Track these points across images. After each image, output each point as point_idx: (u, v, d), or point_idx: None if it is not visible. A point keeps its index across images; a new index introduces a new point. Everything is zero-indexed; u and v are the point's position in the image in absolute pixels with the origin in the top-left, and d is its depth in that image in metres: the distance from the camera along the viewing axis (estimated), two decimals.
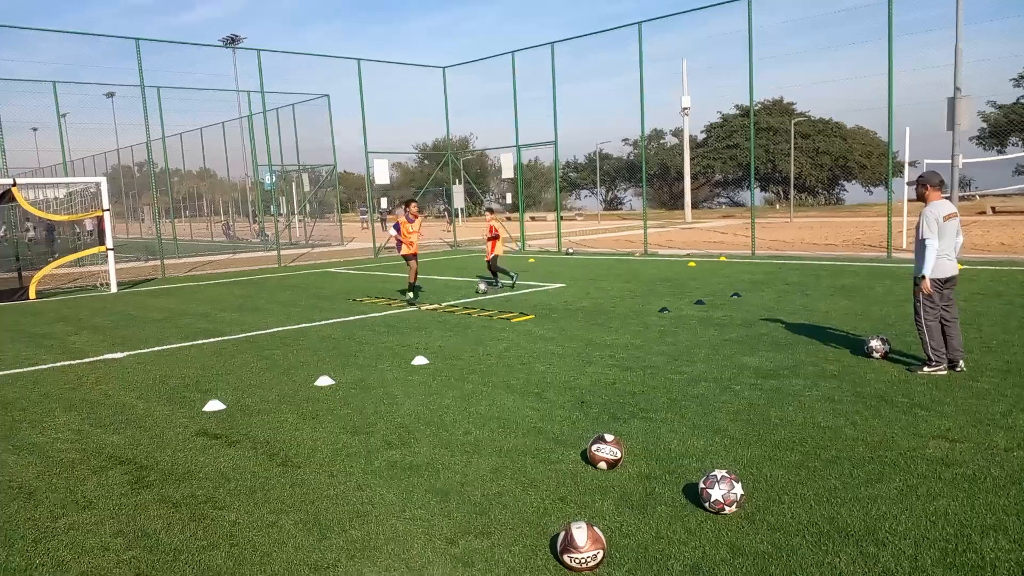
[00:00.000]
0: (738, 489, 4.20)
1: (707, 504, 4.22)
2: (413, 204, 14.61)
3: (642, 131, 24.24)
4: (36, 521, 4.59)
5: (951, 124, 19.02)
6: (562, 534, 3.78)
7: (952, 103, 18.85)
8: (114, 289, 18.32)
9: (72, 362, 9.57)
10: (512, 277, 15.54)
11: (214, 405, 7.02)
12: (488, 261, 15.72)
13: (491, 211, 16.36)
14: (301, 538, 4.19)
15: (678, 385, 7.07)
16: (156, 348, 10.31)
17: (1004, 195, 47.23)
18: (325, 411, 6.75)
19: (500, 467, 5.11)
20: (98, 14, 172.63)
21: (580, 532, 3.70)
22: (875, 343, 7.82)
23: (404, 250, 14.24)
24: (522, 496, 4.60)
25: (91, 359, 9.73)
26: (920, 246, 7.12)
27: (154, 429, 6.43)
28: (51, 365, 9.43)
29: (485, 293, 14.65)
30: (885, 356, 7.74)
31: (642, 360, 8.21)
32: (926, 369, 7.19)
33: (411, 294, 13.98)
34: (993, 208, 41.12)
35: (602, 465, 4.93)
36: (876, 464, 4.87)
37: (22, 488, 5.16)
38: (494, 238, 15.64)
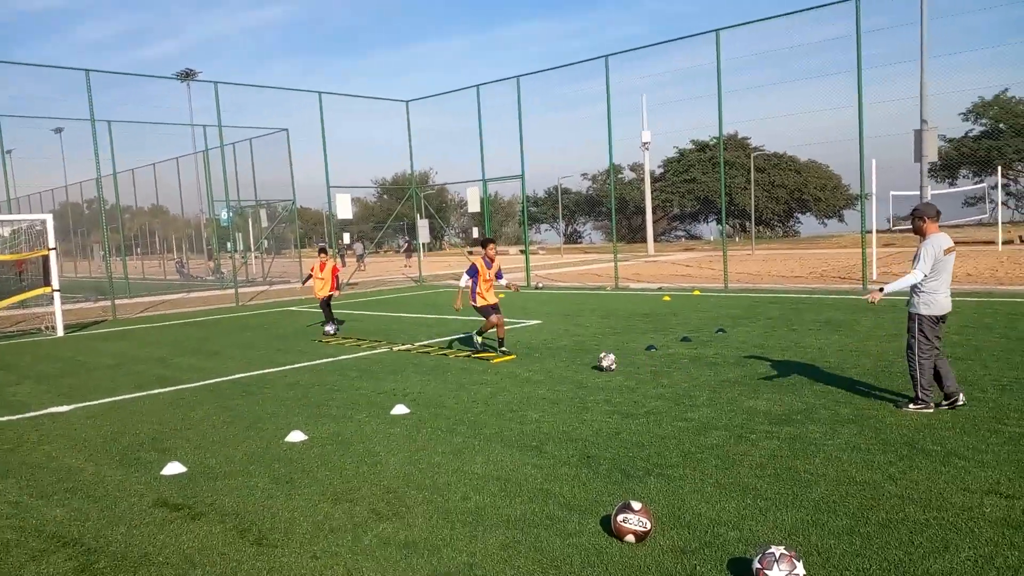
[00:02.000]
0: (800, 570, 3.63)
1: None
2: (491, 245, 11.56)
3: (611, 163, 24.07)
4: None
5: (918, 156, 19.08)
6: None
7: (919, 135, 18.93)
8: (60, 332, 17.21)
9: (11, 417, 8.66)
10: (335, 324, 14.93)
11: (174, 467, 6.24)
12: (325, 300, 14.93)
13: (325, 251, 15.73)
14: None
15: (688, 434, 6.51)
16: (107, 399, 9.43)
17: (957, 226, 48.25)
18: (300, 473, 6.02)
19: (511, 542, 4.46)
20: (52, 52, 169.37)
21: None
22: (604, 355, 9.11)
23: (479, 301, 11.37)
24: None
25: (33, 413, 8.83)
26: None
27: (105, 499, 5.64)
28: None
29: (335, 333, 14.50)
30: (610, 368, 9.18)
31: (641, 404, 7.64)
32: (912, 407, 6.91)
33: (479, 339, 11.62)
34: None
35: (630, 538, 4.31)
36: (936, 528, 4.34)
37: None
38: (332, 278, 15.06)
